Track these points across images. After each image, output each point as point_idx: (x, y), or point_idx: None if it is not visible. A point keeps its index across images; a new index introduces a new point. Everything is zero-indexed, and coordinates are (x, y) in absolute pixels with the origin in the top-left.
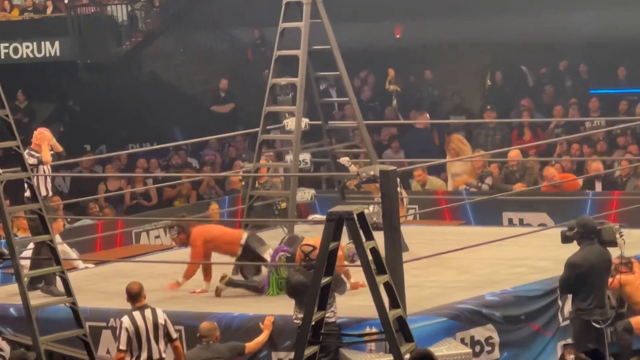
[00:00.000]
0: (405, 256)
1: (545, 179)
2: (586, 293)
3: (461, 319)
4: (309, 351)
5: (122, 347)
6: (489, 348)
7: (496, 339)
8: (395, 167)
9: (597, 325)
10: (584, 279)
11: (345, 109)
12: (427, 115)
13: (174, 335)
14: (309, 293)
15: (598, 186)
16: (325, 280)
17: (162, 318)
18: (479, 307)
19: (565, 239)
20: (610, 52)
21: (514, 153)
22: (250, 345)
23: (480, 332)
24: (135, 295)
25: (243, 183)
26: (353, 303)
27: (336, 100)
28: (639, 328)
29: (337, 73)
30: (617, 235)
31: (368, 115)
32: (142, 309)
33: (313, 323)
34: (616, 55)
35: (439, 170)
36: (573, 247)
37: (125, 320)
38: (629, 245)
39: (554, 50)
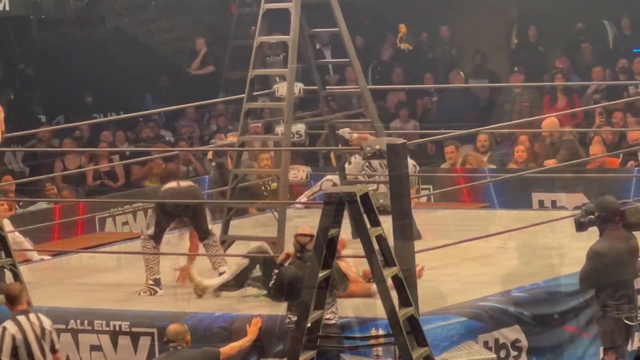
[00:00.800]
0: (417, 245)
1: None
2: (614, 286)
3: (484, 319)
4: (304, 357)
5: (5, 358)
6: (516, 353)
7: (524, 342)
8: (404, 140)
9: (630, 323)
10: (611, 271)
11: (347, 72)
12: (462, 74)
13: (57, 345)
14: (304, 288)
15: None
16: (323, 273)
17: (48, 324)
18: (505, 305)
19: (581, 226)
20: None
21: (549, 122)
22: (225, 350)
23: (506, 335)
24: (15, 298)
25: (214, 163)
26: (356, 301)
27: (336, 61)
28: None
29: (337, 29)
30: None
31: (392, 79)
32: (25, 312)
33: (309, 324)
34: None
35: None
36: None
37: (10, 325)
38: None
39: (592, 1)
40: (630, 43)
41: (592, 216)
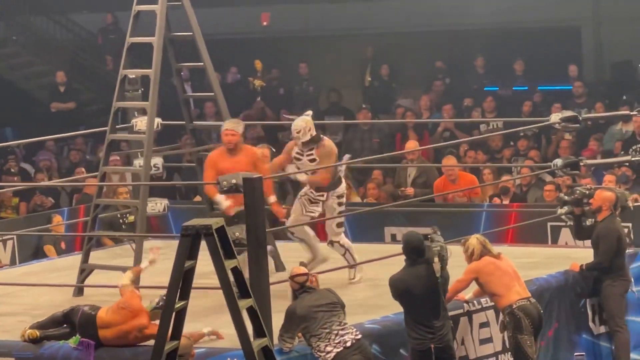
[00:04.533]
0: (280, 276)
1: (444, 172)
2: (411, 317)
3: None
4: None
5: None
6: None
7: None
8: (261, 175)
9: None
10: (401, 301)
11: (205, 107)
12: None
13: None
14: (161, 320)
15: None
16: (179, 304)
17: None
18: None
19: None
20: (507, 44)
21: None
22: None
23: None
24: None
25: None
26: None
27: (202, 95)
28: None
29: (201, 64)
30: (436, 259)
31: (249, 114)
32: None
33: (165, 355)
34: (513, 47)
35: None
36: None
37: None
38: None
39: (448, 40)
40: (482, 82)
41: None
